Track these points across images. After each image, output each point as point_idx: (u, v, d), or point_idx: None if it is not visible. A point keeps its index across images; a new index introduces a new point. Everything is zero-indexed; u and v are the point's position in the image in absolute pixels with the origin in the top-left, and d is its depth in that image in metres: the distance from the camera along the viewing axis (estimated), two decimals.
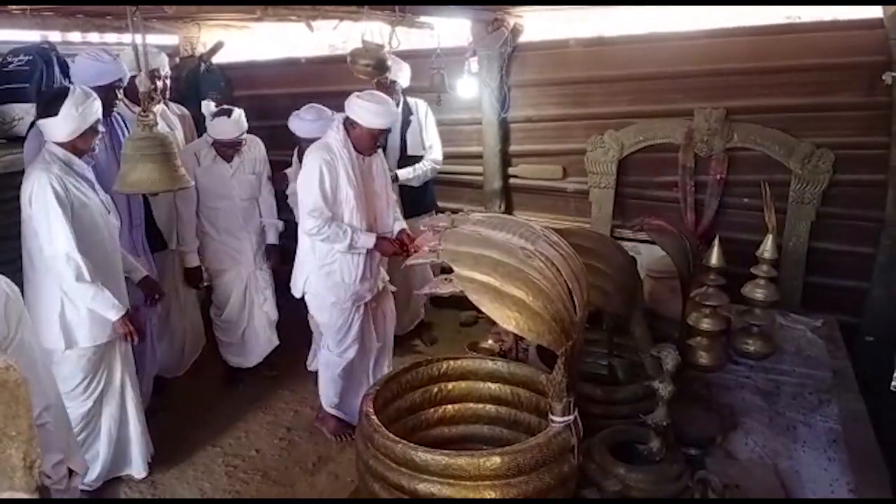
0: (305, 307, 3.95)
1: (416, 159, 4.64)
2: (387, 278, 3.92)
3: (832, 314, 3.73)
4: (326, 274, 3.61)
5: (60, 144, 2.99)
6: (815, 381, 3.01)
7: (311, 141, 3.73)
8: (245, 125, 4.06)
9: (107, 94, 3.36)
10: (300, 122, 4.16)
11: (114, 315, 3.04)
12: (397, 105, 4.48)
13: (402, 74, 4.49)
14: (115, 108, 3.56)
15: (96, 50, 3.54)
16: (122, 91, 3.55)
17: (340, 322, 3.68)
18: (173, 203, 4.04)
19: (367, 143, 3.54)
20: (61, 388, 3.12)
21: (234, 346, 4.43)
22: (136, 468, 3.49)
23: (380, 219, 3.74)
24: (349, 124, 3.53)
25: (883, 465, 2.43)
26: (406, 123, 4.63)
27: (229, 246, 4.23)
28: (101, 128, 3.11)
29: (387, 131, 3.61)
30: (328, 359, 3.80)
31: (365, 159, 3.64)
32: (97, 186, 3.14)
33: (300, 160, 4.17)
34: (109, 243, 3.18)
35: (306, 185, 3.48)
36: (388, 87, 4.39)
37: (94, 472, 3.32)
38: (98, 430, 3.31)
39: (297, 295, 3.81)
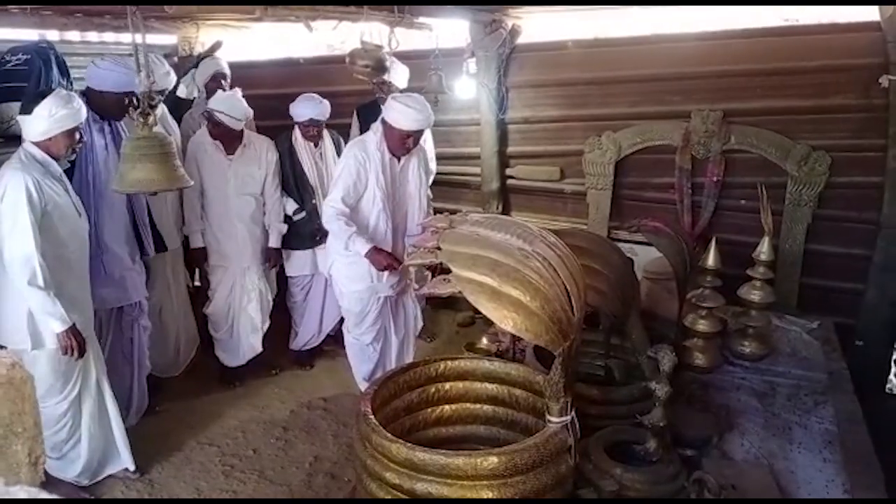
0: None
1: None
2: (412, 276, 4.00)
3: (828, 316, 3.74)
4: (349, 264, 3.73)
5: (36, 144, 2.98)
6: (811, 383, 3.02)
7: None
8: (244, 109, 4.10)
9: (120, 100, 3.38)
10: (293, 108, 4.32)
11: (58, 327, 2.97)
12: None
13: (397, 76, 4.50)
14: (125, 115, 3.53)
15: (123, 59, 3.53)
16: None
17: (358, 309, 3.84)
18: (176, 201, 4.06)
19: (396, 143, 3.60)
20: (37, 391, 3.11)
21: (223, 343, 4.44)
22: (127, 461, 3.48)
23: (410, 220, 3.84)
24: (384, 124, 3.59)
25: (878, 467, 2.45)
26: None
27: (220, 241, 4.23)
28: (78, 135, 3.05)
29: (418, 133, 3.62)
30: (348, 340, 4.01)
31: (400, 160, 3.71)
32: (70, 188, 3.12)
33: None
34: (79, 245, 3.15)
35: (336, 177, 3.65)
36: (381, 88, 4.41)
37: (76, 469, 3.32)
38: (79, 431, 3.29)
39: (326, 274, 4.09)
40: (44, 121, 2.92)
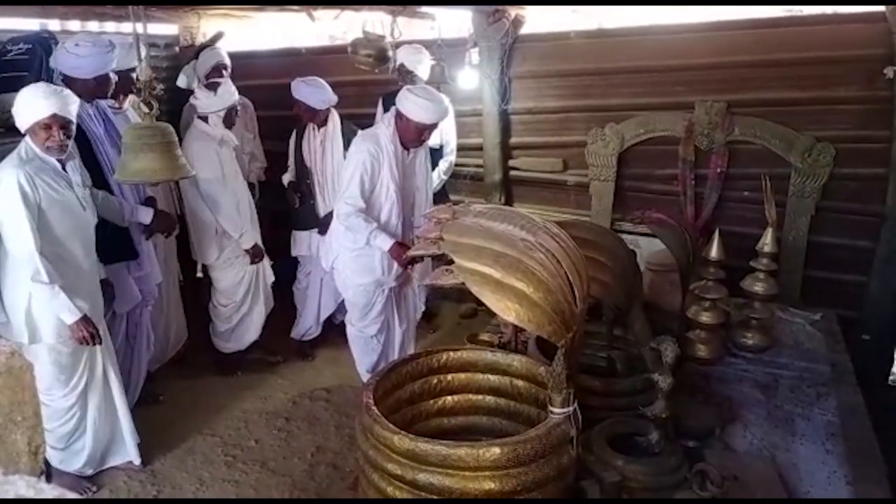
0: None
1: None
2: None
3: (831, 308, 3.73)
4: (355, 257, 3.72)
5: (33, 140, 2.96)
6: (814, 375, 3.02)
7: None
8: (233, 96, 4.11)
9: (100, 85, 3.38)
10: (305, 89, 4.34)
11: (68, 318, 2.98)
12: None
13: (422, 66, 4.51)
14: (105, 97, 3.53)
15: (82, 38, 3.46)
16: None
17: (364, 302, 3.83)
18: (167, 187, 4.08)
19: (412, 136, 3.59)
20: (39, 385, 3.03)
21: (228, 333, 4.44)
22: (133, 455, 3.50)
23: (417, 212, 3.85)
24: (397, 116, 3.56)
25: (880, 459, 2.44)
26: None
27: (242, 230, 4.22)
28: (60, 133, 2.95)
29: (434, 126, 3.63)
30: (351, 333, 4.00)
31: (409, 153, 3.71)
32: (76, 183, 3.09)
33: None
34: (82, 241, 3.12)
35: (349, 172, 3.60)
36: (406, 78, 4.43)
37: (80, 461, 3.33)
38: (84, 423, 3.30)
39: (326, 268, 4.05)
40: (21, 113, 2.91)
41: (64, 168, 3.07)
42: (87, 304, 3.10)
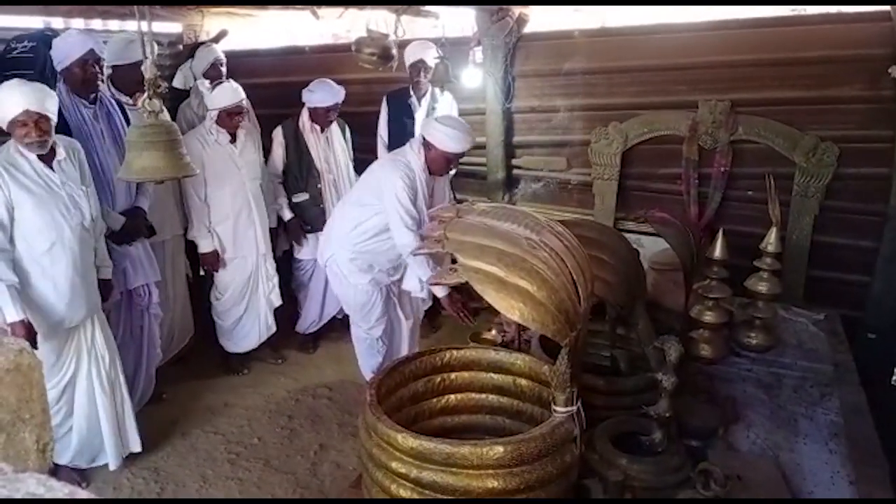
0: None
1: None
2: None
3: (834, 308, 3.73)
4: (352, 259, 3.71)
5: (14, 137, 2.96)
6: (817, 375, 3.01)
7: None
8: (243, 93, 4.06)
9: (83, 67, 3.35)
10: (311, 94, 4.38)
11: (8, 317, 2.89)
12: (424, 95, 4.56)
13: (428, 52, 4.56)
14: (96, 88, 3.47)
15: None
16: (100, 68, 3.45)
17: (363, 300, 3.81)
18: (176, 187, 4.06)
19: (441, 165, 3.60)
20: None
21: (229, 332, 4.44)
22: (110, 458, 3.45)
23: None
24: (426, 146, 3.55)
25: (883, 459, 2.44)
26: (430, 113, 4.68)
27: (237, 231, 4.22)
28: (32, 131, 2.91)
29: (462, 155, 3.63)
30: (357, 334, 3.98)
31: (433, 179, 3.71)
32: (59, 182, 3.05)
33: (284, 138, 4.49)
34: (61, 241, 3.06)
35: (399, 199, 3.47)
36: (419, 73, 4.47)
37: (68, 455, 3.35)
38: (70, 420, 3.31)
39: (322, 264, 3.98)
40: None
41: (51, 167, 3.05)
42: (48, 311, 3.08)
